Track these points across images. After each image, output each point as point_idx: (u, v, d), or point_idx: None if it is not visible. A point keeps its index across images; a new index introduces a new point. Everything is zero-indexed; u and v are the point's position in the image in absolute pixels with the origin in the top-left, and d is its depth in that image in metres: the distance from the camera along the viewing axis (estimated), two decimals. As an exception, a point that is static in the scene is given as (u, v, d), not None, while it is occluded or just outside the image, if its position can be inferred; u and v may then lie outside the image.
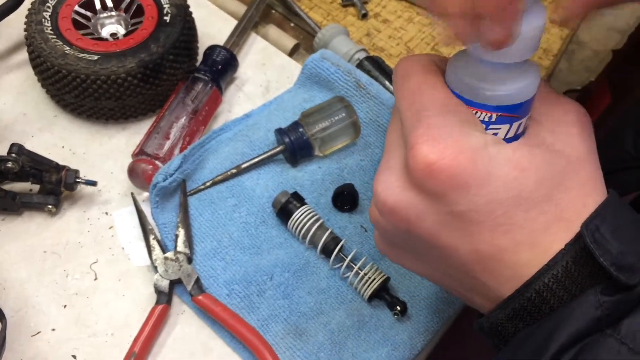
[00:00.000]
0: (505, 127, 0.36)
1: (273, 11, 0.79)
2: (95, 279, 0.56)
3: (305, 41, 0.76)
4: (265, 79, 0.70)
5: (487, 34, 0.32)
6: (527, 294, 0.34)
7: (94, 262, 0.57)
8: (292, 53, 0.74)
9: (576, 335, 0.32)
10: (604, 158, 0.51)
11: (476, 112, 0.36)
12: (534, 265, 0.34)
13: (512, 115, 0.36)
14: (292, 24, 0.78)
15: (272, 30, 0.75)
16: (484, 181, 0.34)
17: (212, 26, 0.73)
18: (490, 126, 0.36)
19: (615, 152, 0.68)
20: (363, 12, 0.78)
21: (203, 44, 0.69)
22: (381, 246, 0.42)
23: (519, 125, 0.37)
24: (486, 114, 0.36)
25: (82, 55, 0.60)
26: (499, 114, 0.36)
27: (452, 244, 0.36)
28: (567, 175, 0.35)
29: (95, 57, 0.60)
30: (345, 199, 0.59)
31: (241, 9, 0.75)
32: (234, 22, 0.73)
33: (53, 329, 0.53)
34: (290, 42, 0.74)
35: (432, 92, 0.36)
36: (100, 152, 0.63)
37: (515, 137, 0.37)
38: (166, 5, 0.64)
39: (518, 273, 0.35)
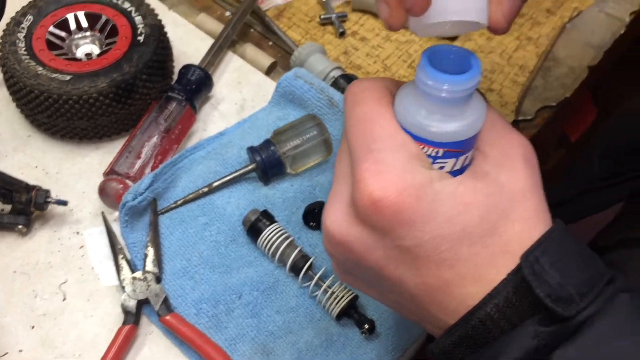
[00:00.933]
0: (451, 161, 0.37)
1: (251, 30, 0.79)
2: (64, 299, 0.56)
3: (283, 60, 0.77)
4: (241, 98, 0.71)
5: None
6: (472, 322, 0.35)
7: (64, 282, 0.57)
8: (269, 71, 0.75)
9: None
10: (573, 180, 0.51)
11: (423, 147, 0.36)
12: (479, 297, 0.35)
13: (458, 150, 0.37)
14: (270, 43, 0.78)
15: (250, 48, 0.76)
16: (428, 218, 0.34)
17: (189, 45, 0.74)
18: (437, 160, 0.37)
19: (584, 175, 0.69)
20: (341, 30, 0.79)
21: (180, 63, 0.69)
22: (337, 272, 0.43)
23: (465, 158, 0.37)
24: (433, 149, 0.36)
25: (54, 75, 0.60)
26: (446, 149, 0.36)
27: (400, 276, 0.36)
28: (511, 208, 0.36)
29: (68, 77, 0.60)
30: (316, 216, 0.59)
31: (219, 28, 0.75)
32: (212, 41, 0.73)
33: (20, 350, 0.53)
34: (267, 60, 0.75)
35: (382, 123, 0.36)
36: (73, 172, 0.63)
37: (462, 170, 0.37)
38: (140, 26, 0.65)
39: (464, 305, 0.35)
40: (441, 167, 0.37)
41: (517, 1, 0.35)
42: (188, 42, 0.74)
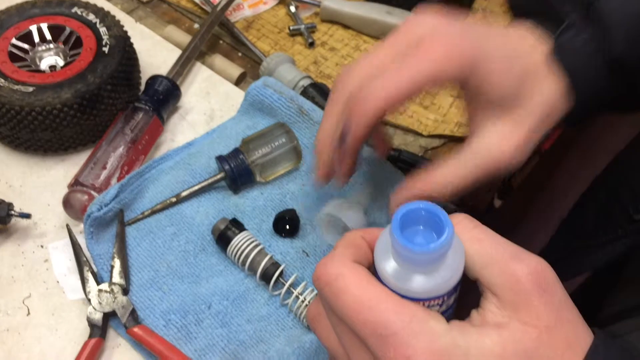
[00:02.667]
0: (453, 297, 0.37)
1: (220, 41, 0.79)
2: (28, 314, 0.54)
3: (252, 70, 0.76)
4: (210, 108, 0.70)
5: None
6: None
7: (27, 297, 0.55)
8: (238, 82, 0.75)
9: None
10: (566, 236, 0.52)
11: (428, 304, 0.36)
12: None
13: (457, 287, 0.37)
14: (239, 54, 0.78)
15: (218, 59, 0.75)
16: None
17: (157, 57, 0.73)
18: (443, 305, 0.37)
19: (577, 229, 0.68)
20: (310, 41, 0.79)
21: (147, 75, 0.69)
22: None
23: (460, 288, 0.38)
24: (437, 301, 0.36)
25: (16, 87, 0.59)
26: (447, 295, 0.36)
27: None
28: (543, 349, 0.34)
29: (31, 89, 0.59)
30: (286, 223, 0.59)
31: (187, 39, 0.75)
32: (180, 53, 0.73)
33: (-18, 368, 0.51)
34: (236, 71, 0.74)
35: (381, 307, 0.35)
36: (37, 185, 0.62)
37: (456, 301, 0.38)
38: (105, 37, 0.64)
39: None
40: (447, 308, 0.37)
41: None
42: (155, 53, 0.74)
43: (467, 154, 0.46)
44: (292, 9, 0.82)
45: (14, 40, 0.64)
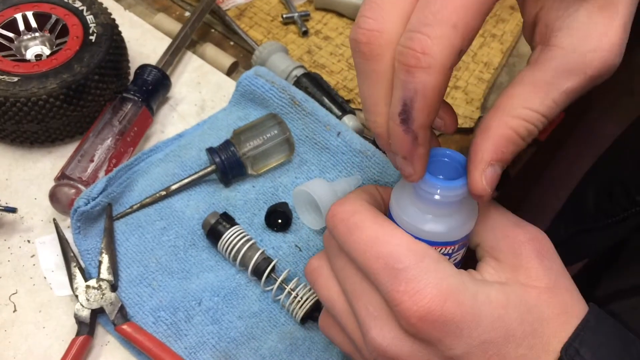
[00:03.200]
0: (462, 252, 0.39)
1: (212, 30, 0.78)
2: (15, 310, 0.53)
3: (244, 59, 0.75)
4: (201, 98, 0.68)
5: (402, 170, 0.36)
6: None
7: (14, 293, 0.54)
8: (230, 72, 0.73)
9: None
10: (566, 221, 0.51)
11: (440, 249, 0.37)
12: None
13: (466, 241, 0.39)
14: (231, 43, 0.77)
15: (210, 48, 0.74)
16: (473, 323, 0.34)
17: (146, 46, 0.72)
18: (453, 255, 0.38)
19: (577, 213, 0.67)
20: (304, 29, 0.77)
21: (136, 64, 0.67)
22: None
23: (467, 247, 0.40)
24: (450, 248, 0.38)
25: (1, 77, 0.57)
26: (459, 244, 0.38)
27: None
28: (542, 307, 0.36)
29: (15, 79, 0.57)
30: (279, 217, 0.57)
31: (177, 27, 0.73)
32: (170, 42, 0.71)
33: (-34, 366, 0.50)
34: (228, 60, 0.73)
35: (394, 241, 0.36)
36: (23, 178, 0.60)
37: (462, 260, 0.40)
38: (92, 25, 0.62)
39: None
40: (455, 260, 0.39)
41: (498, 169, 0.35)
42: (145, 42, 0.72)
43: (547, 71, 0.33)
44: (285, -4, 0.80)
45: (-2, 29, 0.62)
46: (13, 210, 0.55)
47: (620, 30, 0.33)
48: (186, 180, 0.59)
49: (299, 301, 0.52)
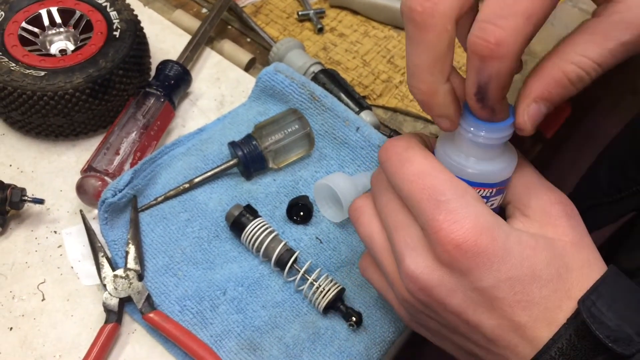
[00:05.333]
0: (499, 197, 0.41)
1: (229, 27, 0.79)
2: (43, 299, 0.54)
3: (261, 56, 0.76)
4: (220, 93, 0.70)
5: (439, 124, 0.39)
6: None
7: (42, 283, 0.55)
8: (248, 68, 0.74)
9: None
10: (579, 196, 0.54)
11: (479, 190, 0.40)
12: None
13: (504, 187, 0.41)
14: (248, 39, 0.78)
15: (228, 45, 0.75)
16: (503, 258, 0.36)
17: (166, 42, 0.73)
18: (490, 199, 0.41)
19: (590, 190, 0.69)
20: (319, 26, 0.78)
21: (157, 60, 0.68)
22: (409, 323, 0.45)
23: (504, 196, 0.42)
24: (488, 190, 0.40)
25: (28, 71, 0.59)
26: (497, 188, 0.40)
27: (478, 320, 0.38)
28: (567, 257, 0.38)
29: (42, 73, 0.59)
30: (300, 209, 0.59)
31: (196, 24, 0.74)
32: (189, 38, 0.72)
33: (-2, 353, 0.51)
34: (246, 56, 0.74)
35: (440, 177, 0.38)
36: (49, 170, 0.62)
37: (499, 208, 0.42)
38: (116, 21, 0.64)
39: (537, 349, 0.37)
40: (492, 205, 0.41)
41: (543, 108, 0.36)
42: (164, 38, 0.73)
43: (607, 24, 0.34)
44: (301, -6, 0.81)
45: (24, 24, 0.63)
46: (41, 201, 0.57)
47: None
48: (209, 174, 0.60)
49: (321, 292, 0.53)
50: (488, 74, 0.34)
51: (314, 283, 0.54)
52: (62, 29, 0.66)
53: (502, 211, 0.43)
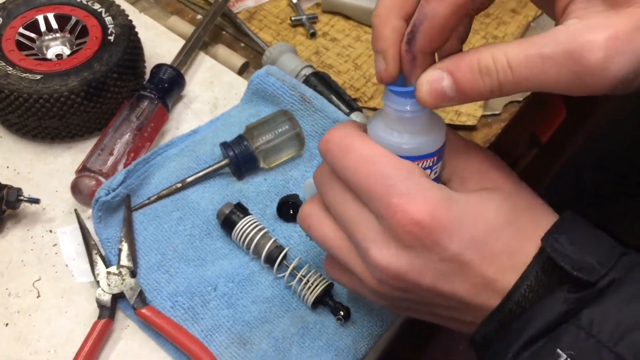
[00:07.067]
0: (440, 164, 0.42)
1: (223, 32, 0.80)
2: (38, 296, 0.55)
3: (255, 60, 0.77)
4: (213, 97, 0.71)
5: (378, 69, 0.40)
6: (509, 305, 0.38)
7: (37, 280, 0.56)
8: (241, 72, 0.76)
9: (546, 328, 0.36)
10: (561, 188, 0.55)
11: (421, 163, 0.41)
12: None
13: (442, 153, 0.42)
14: (242, 44, 0.79)
15: (221, 49, 0.76)
16: (460, 224, 0.38)
17: (161, 47, 0.75)
18: (433, 168, 0.42)
19: (573, 185, 0.70)
20: (312, 31, 0.80)
21: (151, 64, 0.70)
22: (393, 310, 0.46)
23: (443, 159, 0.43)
24: (430, 161, 0.41)
25: (25, 75, 0.60)
26: (437, 156, 0.41)
27: (453, 289, 0.39)
28: (512, 200, 0.40)
29: (38, 77, 0.60)
30: (290, 208, 0.60)
31: (190, 30, 0.76)
32: (183, 43, 0.74)
33: (-7, 348, 0.52)
34: (239, 60, 0.75)
35: (382, 161, 0.40)
36: (45, 172, 0.63)
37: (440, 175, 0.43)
38: (111, 26, 0.65)
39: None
40: (435, 175, 0.42)
41: (447, 81, 0.37)
42: (159, 43, 0.75)
43: (540, 37, 0.34)
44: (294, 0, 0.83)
45: (21, 29, 0.65)
46: (36, 201, 0.58)
47: (622, 31, 0.33)
48: (201, 173, 0.61)
49: (309, 287, 0.54)
50: (425, 12, 0.35)
51: (303, 279, 0.55)
52: (58, 34, 0.67)
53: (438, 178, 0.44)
